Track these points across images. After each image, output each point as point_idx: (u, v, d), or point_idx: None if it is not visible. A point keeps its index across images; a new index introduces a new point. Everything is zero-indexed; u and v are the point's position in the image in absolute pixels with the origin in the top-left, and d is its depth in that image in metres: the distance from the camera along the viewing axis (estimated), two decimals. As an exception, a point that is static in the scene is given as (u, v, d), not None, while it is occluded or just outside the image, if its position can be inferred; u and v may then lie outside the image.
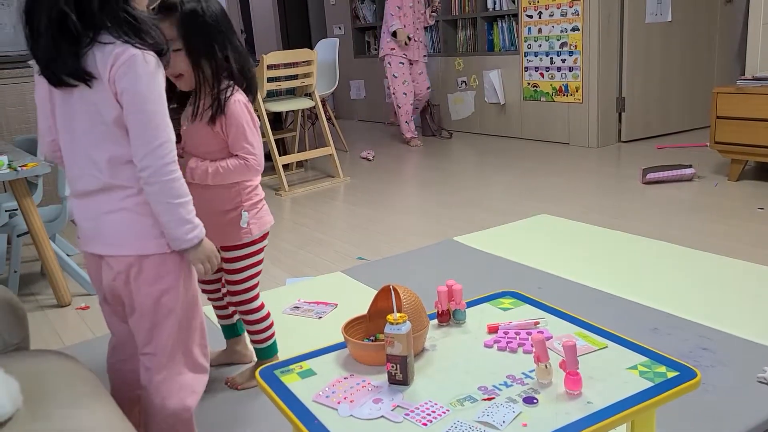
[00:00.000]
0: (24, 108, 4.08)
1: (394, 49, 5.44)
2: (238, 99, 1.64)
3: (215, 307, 1.99)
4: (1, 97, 4.01)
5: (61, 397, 1.04)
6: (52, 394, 1.05)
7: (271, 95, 4.54)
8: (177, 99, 1.70)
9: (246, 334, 1.95)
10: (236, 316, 1.99)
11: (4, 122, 4.02)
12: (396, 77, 5.50)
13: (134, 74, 1.18)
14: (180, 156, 1.49)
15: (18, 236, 2.77)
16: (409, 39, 5.40)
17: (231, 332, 2.04)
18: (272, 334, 1.90)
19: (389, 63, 5.48)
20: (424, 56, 5.64)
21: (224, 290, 1.91)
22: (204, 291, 1.90)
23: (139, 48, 1.19)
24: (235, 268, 1.78)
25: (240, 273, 1.78)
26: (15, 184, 2.55)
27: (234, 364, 2.04)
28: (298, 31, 9.01)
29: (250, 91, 1.68)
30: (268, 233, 1.81)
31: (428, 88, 5.72)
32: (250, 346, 1.98)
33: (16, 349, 1.32)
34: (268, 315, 1.88)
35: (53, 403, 1.03)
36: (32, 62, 1.26)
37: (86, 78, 1.19)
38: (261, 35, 9.33)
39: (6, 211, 3.07)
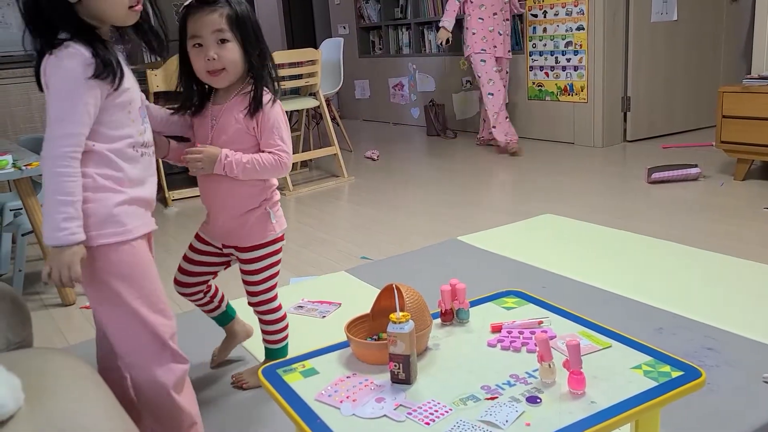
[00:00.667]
0: (29, 107, 4.10)
1: (479, 47, 4.82)
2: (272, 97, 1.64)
3: (201, 307, 1.96)
4: (6, 96, 4.02)
5: (64, 395, 1.04)
6: (54, 391, 1.05)
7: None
8: (185, 98, 1.68)
9: (238, 318, 1.99)
10: (224, 302, 1.98)
11: (9, 121, 4.03)
12: (480, 77, 4.91)
13: (49, 68, 1.23)
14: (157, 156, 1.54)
15: (23, 235, 2.78)
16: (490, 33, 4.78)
17: (225, 318, 2.01)
18: (287, 335, 1.89)
19: (471, 62, 4.94)
20: (509, 51, 4.98)
21: (202, 288, 1.89)
22: (184, 295, 1.88)
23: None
24: (256, 269, 1.75)
25: (261, 273, 1.76)
26: (20, 183, 2.55)
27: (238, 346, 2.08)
28: (302, 30, 9.01)
29: (276, 91, 1.67)
30: (284, 233, 1.81)
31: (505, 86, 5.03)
32: (248, 323, 1.99)
33: (19, 347, 1.32)
34: (285, 315, 1.87)
35: (55, 400, 1.03)
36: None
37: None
38: (265, 35, 9.24)
39: (11, 210, 3.08)
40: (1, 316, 1.33)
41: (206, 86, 1.65)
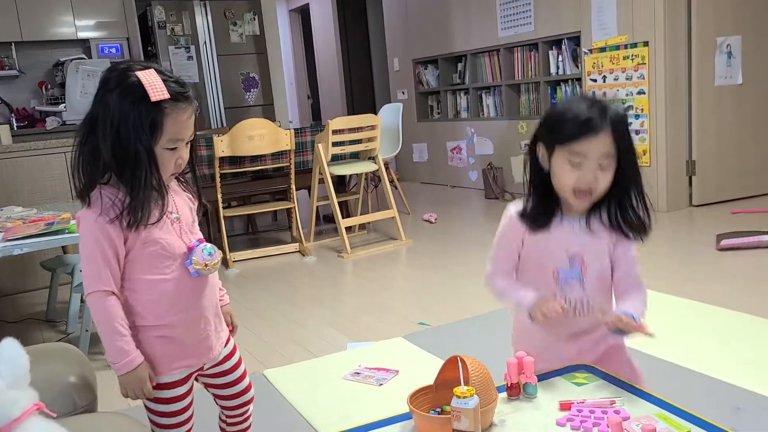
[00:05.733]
0: (102, 171, 4.28)
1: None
2: None
3: None
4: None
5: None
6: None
7: (336, 159, 4.63)
8: None
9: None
10: None
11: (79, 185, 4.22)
12: None
13: None
14: None
15: (91, 295, 2.86)
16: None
17: None
18: None
19: None
20: None
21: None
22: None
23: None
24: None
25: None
26: (91, 244, 2.64)
27: None
28: (362, 96, 9.26)
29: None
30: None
31: None
32: None
33: (85, 411, 1.33)
34: None
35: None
36: None
37: None
38: (327, 101, 9.63)
39: (80, 270, 3.18)
40: (68, 378, 1.36)
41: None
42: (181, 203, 1.46)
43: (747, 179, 4.99)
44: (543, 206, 1.44)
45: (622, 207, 1.41)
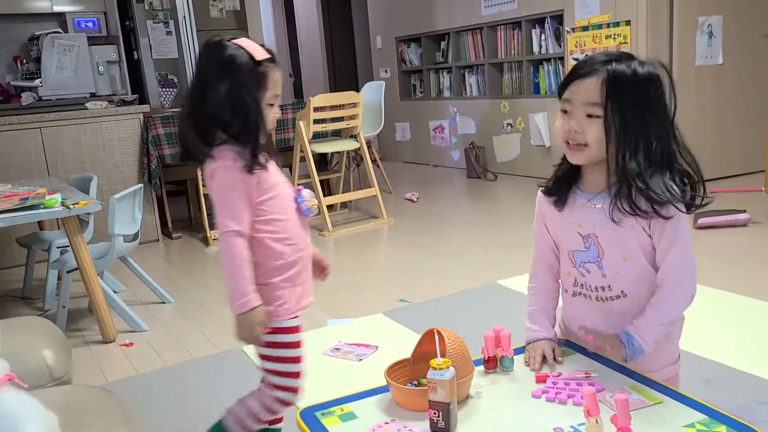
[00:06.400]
0: (79, 147, 4.22)
1: None
2: None
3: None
4: (58, 137, 4.16)
5: (99, 435, 1.03)
6: (88, 428, 1.05)
7: (317, 137, 4.60)
8: None
9: None
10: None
11: (60, 162, 4.16)
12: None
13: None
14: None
15: (68, 272, 2.84)
16: None
17: None
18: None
19: None
20: None
21: None
22: None
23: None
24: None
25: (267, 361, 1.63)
26: (67, 221, 2.61)
27: None
28: (345, 74, 9.19)
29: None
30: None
31: None
32: None
33: (60, 384, 1.32)
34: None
35: (92, 440, 1.02)
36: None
37: None
38: (309, 79, 9.55)
39: (57, 247, 3.15)
40: (43, 350, 1.34)
41: None
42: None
43: (725, 159, 5.04)
44: (560, 179, 1.34)
45: (641, 186, 1.21)
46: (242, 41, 1.45)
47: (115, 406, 1.13)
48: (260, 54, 1.43)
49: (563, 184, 1.34)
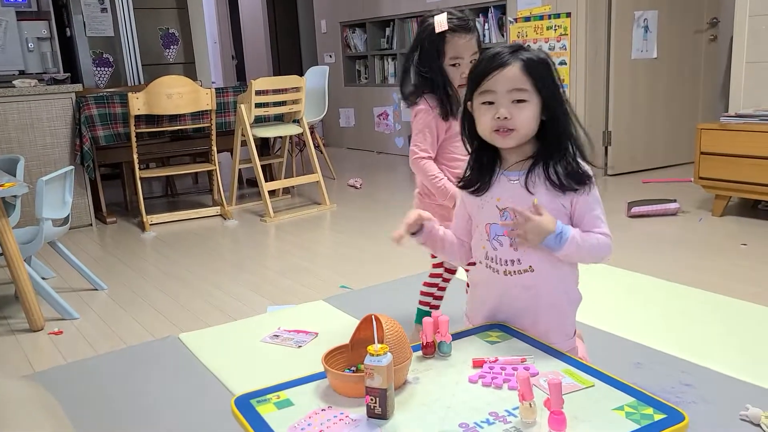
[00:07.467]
0: (5, 127, 4.03)
1: None
2: None
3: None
4: (-17, 116, 3.96)
5: (19, 426, 0.99)
6: (9, 422, 1.00)
7: (259, 121, 4.52)
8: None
9: None
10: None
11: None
12: None
13: None
14: None
15: (-7, 257, 2.70)
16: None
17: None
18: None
19: None
20: None
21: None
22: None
23: None
24: None
25: None
26: (-8, 203, 2.49)
27: None
28: (289, 59, 9.06)
29: None
30: None
31: None
32: None
33: (-20, 375, 1.26)
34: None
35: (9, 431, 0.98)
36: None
37: None
38: (252, 62, 9.37)
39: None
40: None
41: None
42: None
43: (657, 151, 5.22)
44: (484, 167, 1.42)
45: (560, 159, 1.36)
46: (437, 17, 1.90)
47: (38, 398, 1.08)
48: (439, 27, 1.88)
49: (487, 170, 1.42)
